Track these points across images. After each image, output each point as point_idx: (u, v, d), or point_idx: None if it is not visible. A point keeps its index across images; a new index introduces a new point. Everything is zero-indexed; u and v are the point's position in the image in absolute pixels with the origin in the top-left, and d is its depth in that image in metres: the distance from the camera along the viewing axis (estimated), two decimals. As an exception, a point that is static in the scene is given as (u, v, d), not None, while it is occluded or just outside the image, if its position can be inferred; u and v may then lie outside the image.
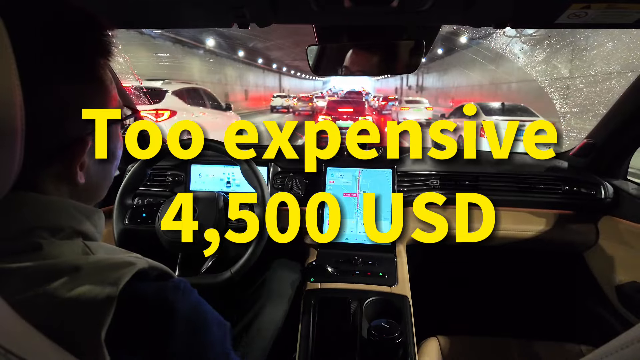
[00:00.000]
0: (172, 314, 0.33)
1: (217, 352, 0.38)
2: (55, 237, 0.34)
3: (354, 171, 1.10)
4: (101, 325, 0.29)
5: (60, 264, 0.32)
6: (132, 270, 0.33)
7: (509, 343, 0.98)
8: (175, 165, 1.20)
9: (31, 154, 0.29)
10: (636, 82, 0.93)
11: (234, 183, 1.20)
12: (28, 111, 0.27)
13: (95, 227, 0.40)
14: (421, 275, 1.09)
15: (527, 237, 1.13)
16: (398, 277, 0.95)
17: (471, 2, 0.59)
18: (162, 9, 0.68)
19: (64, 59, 0.35)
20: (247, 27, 0.70)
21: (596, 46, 7.34)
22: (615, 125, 1.04)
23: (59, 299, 0.29)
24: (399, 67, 0.90)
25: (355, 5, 0.60)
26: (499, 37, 10.34)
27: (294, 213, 0.89)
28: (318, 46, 0.86)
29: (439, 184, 1.17)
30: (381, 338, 0.71)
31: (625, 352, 0.24)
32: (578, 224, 1.13)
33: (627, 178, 1.13)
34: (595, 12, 0.58)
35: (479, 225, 0.82)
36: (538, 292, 1.38)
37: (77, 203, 0.38)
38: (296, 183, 1.15)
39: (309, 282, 0.93)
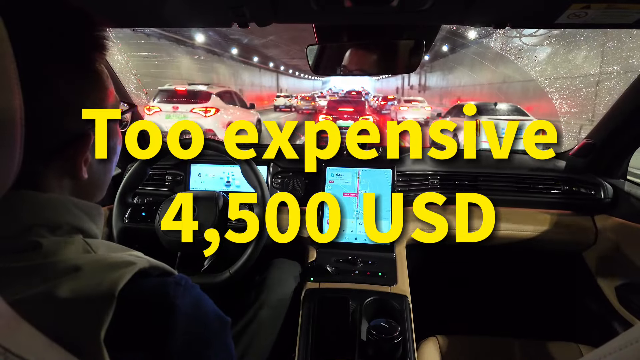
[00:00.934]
0: (173, 310, 0.33)
1: (219, 348, 0.38)
2: (54, 235, 0.34)
3: (354, 171, 1.10)
4: (100, 325, 0.29)
5: (60, 263, 0.32)
6: (132, 270, 0.33)
7: (508, 343, 0.98)
8: (175, 165, 1.20)
9: (32, 151, 0.29)
10: (636, 82, 0.94)
11: (234, 183, 1.20)
12: (27, 109, 0.27)
13: (94, 224, 0.40)
14: (420, 275, 1.09)
15: (527, 237, 1.14)
16: (397, 277, 0.95)
17: (471, 1, 0.59)
18: (161, 9, 0.68)
19: (62, 55, 0.35)
20: (247, 27, 0.70)
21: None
22: (615, 126, 1.04)
23: (58, 299, 0.29)
24: (399, 66, 0.90)
25: (355, 4, 0.60)
26: (508, 37, 9.96)
27: (294, 213, 0.89)
28: (318, 46, 0.86)
29: (439, 184, 1.17)
30: (380, 338, 0.71)
31: (625, 352, 0.24)
32: (577, 223, 1.13)
33: (627, 178, 1.13)
34: (595, 12, 0.58)
35: (478, 225, 0.82)
36: (537, 292, 1.38)
37: (75, 199, 0.38)
38: (296, 183, 1.15)
39: (308, 282, 0.93)
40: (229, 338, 0.41)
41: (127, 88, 1.13)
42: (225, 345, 0.40)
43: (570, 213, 1.14)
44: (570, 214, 1.14)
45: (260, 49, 21.90)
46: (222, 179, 1.20)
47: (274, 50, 23.09)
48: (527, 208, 1.15)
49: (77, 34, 0.36)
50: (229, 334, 0.41)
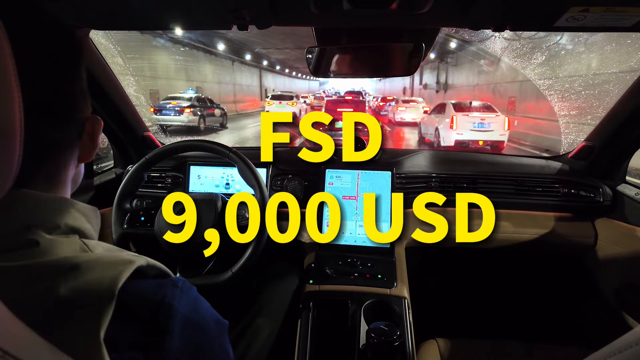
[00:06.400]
0: (170, 312, 0.33)
1: (216, 351, 0.38)
2: (51, 235, 0.34)
3: (353, 173, 1.10)
4: (100, 324, 0.28)
5: (58, 262, 0.32)
6: (130, 267, 0.33)
7: (508, 345, 0.98)
8: (175, 167, 1.20)
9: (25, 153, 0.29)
10: (634, 85, 0.94)
11: (234, 185, 1.19)
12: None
13: (91, 225, 0.40)
14: (420, 277, 1.09)
15: (526, 239, 1.13)
16: (397, 279, 0.94)
17: (470, 4, 0.60)
18: (162, 12, 0.68)
19: (56, 58, 0.35)
20: (246, 29, 0.70)
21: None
22: (614, 128, 1.04)
23: (57, 298, 0.29)
24: (398, 69, 0.91)
25: (354, 7, 0.60)
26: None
27: (294, 212, 0.89)
28: (317, 48, 0.86)
29: (438, 186, 1.17)
30: (380, 340, 0.71)
31: (625, 355, 0.24)
32: (576, 226, 1.14)
33: (626, 180, 1.14)
34: (593, 15, 0.59)
35: (478, 226, 0.82)
36: (537, 295, 1.38)
37: (73, 200, 0.38)
38: (295, 185, 1.15)
39: (307, 284, 0.93)
40: (226, 341, 0.41)
41: (126, 90, 1.13)
42: (223, 348, 0.40)
43: (570, 216, 1.14)
44: (569, 216, 1.14)
45: (251, 46, 19.12)
46: (222, 181, 1.20)
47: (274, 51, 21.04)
48: (526, 210, 1.15)
49: (63, 39, 0.37)
50: (226, 337, 0.41)
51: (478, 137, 7.05)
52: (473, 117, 7.11)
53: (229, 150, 0.92)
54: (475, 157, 1.26)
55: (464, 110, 7.31)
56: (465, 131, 7.04)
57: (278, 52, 20.95)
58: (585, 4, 0.55)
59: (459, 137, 7.06)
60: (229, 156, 0.91)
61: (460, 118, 7.09)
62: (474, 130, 7.04)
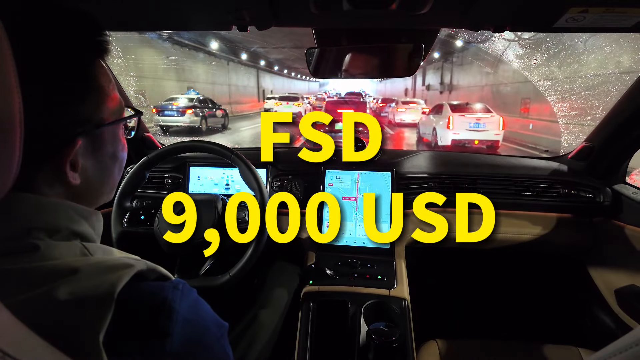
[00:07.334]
0: (171, 314, 0.33)
1: (216, 352, 0.38)
2: (52, 238, 0.34)
3: (353, 174, 1.10)
4: (100, 328, 0.28)
5: (58, 266, 0.32)
6: (130, 272, 0.33)
7: (508, 346, 0.98)
8: (175, 168, 1.20)
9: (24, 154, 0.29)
10: (634, 85, 0.94)
11: (234, 186, 1.19)
12: None
13: (93, 229, 0.40)
14: (420, 278, 1.09)
15: (526, 240, 1.13)
16: (397, 280, 0.94)
17: (469, 5, 0.60)
18: (162, 12, 0.68)
19: (56, 57, 0.34)
20: (246, 30, 0.70)
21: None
22: (613, 129, 1.04)
23: (57, 301, 0.29)
24: (398, 69, 0.91)
25: (354, 8, 0.60)
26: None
27: (294, 212, 0.89)
28: (317, 49, 0.86)
29: (438, 187, 1.17)
30: (380, 341, 0.71)
31: (624, 356, 0.24)
32: (576, 227, 1.14)
33: (625, 181, 1.14)
34: (593, 16, 0.59)
35: (478, 226, 0.82)
36: (537, 295, 1.38)
37: (74, 204, 0.38)
38: (295, 185, 1.15)
39: (307, 285, 0.93)
40: (226, 343, 0.41)
41: (126, 90, 1.13)
42: (223, 350, 0.40)
43: (569, 216, 1.14)
44: (569, 217, 1.14)
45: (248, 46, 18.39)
46: (222, 182, 1.20)
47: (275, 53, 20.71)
48: (525, 211, 1.15)
49: (73, 34, 0.36)
50: (226, 339, 0.41)
51: (474, 136, 7.26)
52: (469, 117, 7.30)
53: (231, 152, 0.92)
54: (476, 159, 1.26)
55: (461, 111, 7.57)
56: (461, 131, 7.24)
57: (276, 52, 20.37)
58: (584, 4, 0.55)
59: (455, 136, 7.26)
60: (231, 158, 0.91)
61: (456, 118, 7.29)
62: (470, 130, 7.25)
